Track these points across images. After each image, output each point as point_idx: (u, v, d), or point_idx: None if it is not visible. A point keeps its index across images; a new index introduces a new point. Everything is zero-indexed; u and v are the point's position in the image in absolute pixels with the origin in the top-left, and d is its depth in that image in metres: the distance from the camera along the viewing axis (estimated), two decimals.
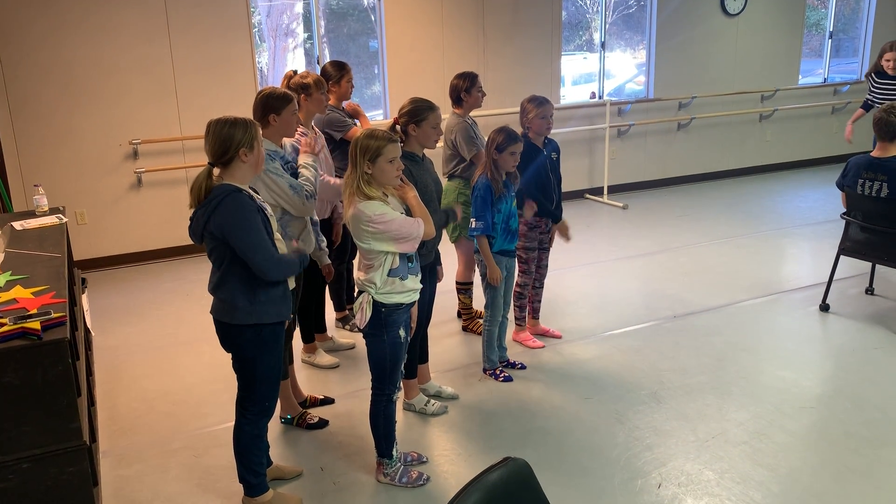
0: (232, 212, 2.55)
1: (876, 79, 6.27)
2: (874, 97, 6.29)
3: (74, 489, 2.56)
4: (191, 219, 2.64)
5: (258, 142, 2.67)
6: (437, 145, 3.53)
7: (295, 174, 3.40)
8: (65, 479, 2.54)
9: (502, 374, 4.01)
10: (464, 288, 4.60)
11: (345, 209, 2.88)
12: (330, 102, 4.32)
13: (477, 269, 4.02)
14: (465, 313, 4.68)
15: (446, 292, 4.68)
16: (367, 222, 2.78)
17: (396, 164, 2.84)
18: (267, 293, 2.68)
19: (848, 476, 3.07)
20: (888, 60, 6.02)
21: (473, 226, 3.78)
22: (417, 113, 3.30)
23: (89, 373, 3.81)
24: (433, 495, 3.04)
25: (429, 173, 3.38)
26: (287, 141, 3.44)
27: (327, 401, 3.82)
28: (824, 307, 4.82)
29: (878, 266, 5.07)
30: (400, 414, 3.66)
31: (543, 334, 4.52)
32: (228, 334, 2.72)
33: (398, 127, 3.30)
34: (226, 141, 2.59)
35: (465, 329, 4.67)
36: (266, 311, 2.69)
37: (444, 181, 4.02)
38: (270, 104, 3.25)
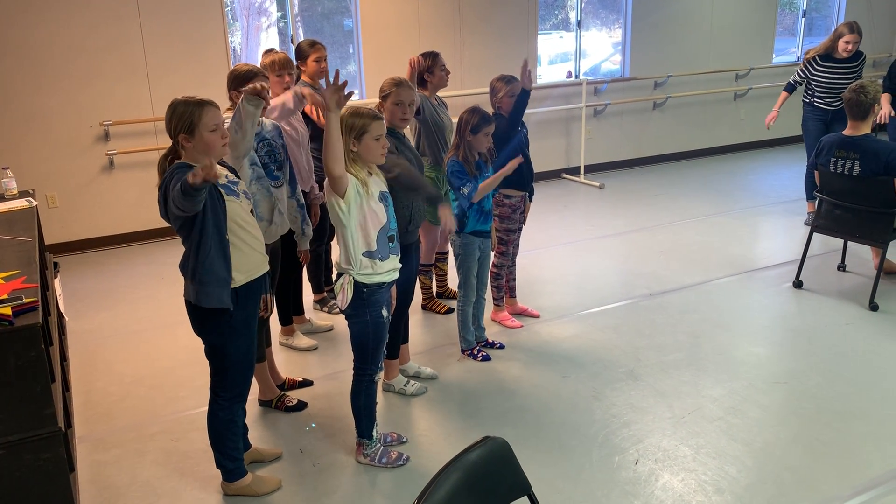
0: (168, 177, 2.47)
1: (820, 61, 5.94)
2: (816, 79, 5.98)
3: (50, 475, 2.54)
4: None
5: (201, 128, 2.51)
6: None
7: (273, 152, 3.38)
8: (40, 466, 2.51)
9: (480, 354, 4.03)
10: (424, 269, 4.63)
11: (327, 187, 2.84)
12: (304, 80, 4.28)
13: (451, 250, 4.02)
14: (425, 293, 4.73)
15: (423, 272, 4.68)
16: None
17: (382, 141, 2.84)
18: (206, 273, 2.54)
19: (820, 449, 3.13)
20: (847, 42, 5.82)
21: (465, 192, 3.73)
22: (381, 90, 3.43)
23: (63, 358, 3.76)
24: (413, 475, 3.05)
25: (409, 149, 3.39)
26: (267, 120, 3.43)
27: (306, 383, 3.81)
28: (797, 284, 4.89)
29: (849, 243, 5.15)
30: (379, 395, 3.66)
31: (521, 313, 4.55)
32: (198, 319, 2.68)
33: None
34: (168, 122, 2.55)
35: (424, 308, 4.71)
36: (206, 294, 2.57)
37: None
38: (230, 82, 3.32)
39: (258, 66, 3.57)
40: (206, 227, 2.53)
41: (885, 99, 5.65)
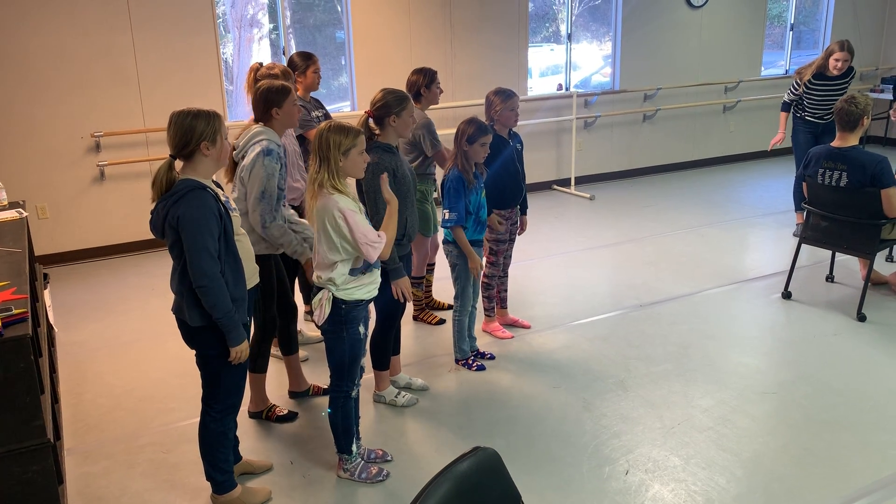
0: (190, 207, 2.49)
1: (812, 80, 5.97)
2: (809, 97, 6.04)
3: (39, 488, 2.52)
4: (152, 212, 2.61)
5: (221, 135, 2.61)
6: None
7: (284, 171, 3.38)
8: (29, 478, 2.50)
9: (475, 364, 4.03)
10: (417, 281, 4.63)
11: (308, 202, 2.85)
12: (297, 93, 4.29)
13: (446, 261, 4.03)
14: (417, 304, 4.73)
15: (415, 284, 4.68)
16: (335, 211, 2.76)
17: (364, 156, 2.87)
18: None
19: (808, 459, 3.15)
20: (837, 60, 5.89)
21: (447, 217, 3.78)
22: (398, 103, 3.31)
23: (53, 370, 3.75)
24: (404, 486, 3.05)
25: (405, 163, 3.40)
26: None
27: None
28: (786, 295, 4.92)
29: (838, 254, 5.19)
30: (370, 406, 3.67)
31: (512, 324, 4.55)
32: (189, 332, 2.67)
33: (371, 120, 3.31)
34: (187, 133, 2.54)
35: (415, 318, 4.71)
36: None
37: None
38: (271, 98, 3.26)
39: (278, 79, 3.60)
40: (220, 255, 2.56)
41: None
